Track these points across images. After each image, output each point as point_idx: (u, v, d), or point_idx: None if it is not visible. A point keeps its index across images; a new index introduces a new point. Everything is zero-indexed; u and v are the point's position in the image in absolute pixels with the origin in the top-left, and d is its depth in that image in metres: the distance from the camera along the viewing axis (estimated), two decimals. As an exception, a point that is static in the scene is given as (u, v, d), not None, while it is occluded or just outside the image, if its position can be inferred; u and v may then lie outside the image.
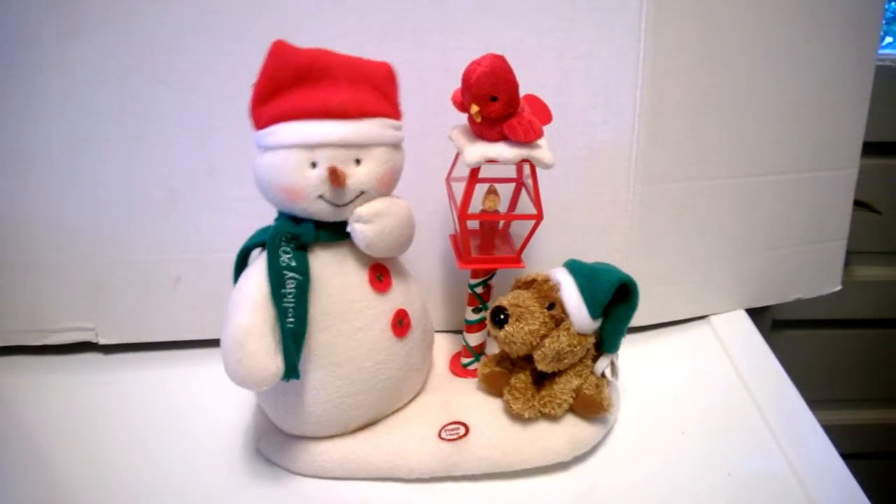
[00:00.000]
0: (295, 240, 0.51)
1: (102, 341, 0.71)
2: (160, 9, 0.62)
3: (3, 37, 0.62)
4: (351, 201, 0.51)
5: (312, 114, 0.49)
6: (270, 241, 0.50)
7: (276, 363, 0.49)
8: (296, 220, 0.52)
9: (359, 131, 0.50)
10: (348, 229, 0.52)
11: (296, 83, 0.49)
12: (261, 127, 0.50)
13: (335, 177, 0.49)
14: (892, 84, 0.89)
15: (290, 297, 0.50)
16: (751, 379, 0.68)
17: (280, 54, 0.49)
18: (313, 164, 0.49)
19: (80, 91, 0.63)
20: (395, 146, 0.54)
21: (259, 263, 0.51)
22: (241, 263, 0.54)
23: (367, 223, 0.52)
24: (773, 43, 0.69)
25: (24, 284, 0.69)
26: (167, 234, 0.68)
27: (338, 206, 0.51)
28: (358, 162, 0.51)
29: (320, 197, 0.50)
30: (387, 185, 0.53)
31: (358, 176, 0.51)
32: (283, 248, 0.50)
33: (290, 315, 0.50)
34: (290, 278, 0.50)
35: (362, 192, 0.51)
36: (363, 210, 0.52)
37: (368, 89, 0.51)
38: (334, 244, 0.53)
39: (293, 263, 0.50)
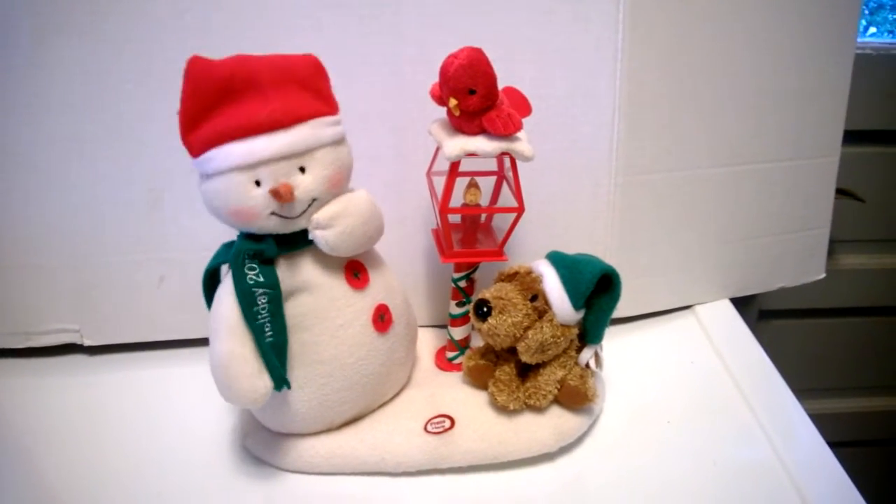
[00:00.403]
0: (258, 256, 0.50)
1: (87, 342, 0.71)
2: (139, 8, 0.61)
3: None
4: (304, 211, 0.50)
5: (244, 132, 0.47)
6: (234, 261, 0.49)
7: (262, 382, 0.49)
8: (256, 236, 0.51)
9: (295, 140, 0.48)
10: (310, 237, 0.51)
11: (220, 100, 0.47)
12: (196, 155, 0.48)
13: (279, 196, 0.47)
14: (872, 72, 0.89)
15: (263, 312, 0.49)
16: (736, 368, 0.69)
17: (197, 73, 0.46)
18: (257, 183, 0.48)
19: (60, 92, 0.63)
20: (338, 142, 0.51)
21: (227, 285, 0.50)
22: (210, 283, 0.53)
23: (327, 228, 0.51)
24: (752, 31, 0.69)
25: (7, 286, 0.68)
26: (150, 234, 0.68)
27: (293, 217, 0.50)
28: (303, 170, 0.49)
29: (272, 214, 0.49)
30: (337, 186, 0.52)
31: (305, 185, 0.49)
32: (249, 266, 0.49)
33: (267, 330, 0.50)
34: (262, 294, 0.49)
35: (314, 199, 0.50)
36: (319, 216, 0.50)
37: (296, 90, 0.49)
38: (301, 251, 0.53)
39: (261, 279, 0.49)
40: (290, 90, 0.49)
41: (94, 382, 0.68)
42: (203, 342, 0.69)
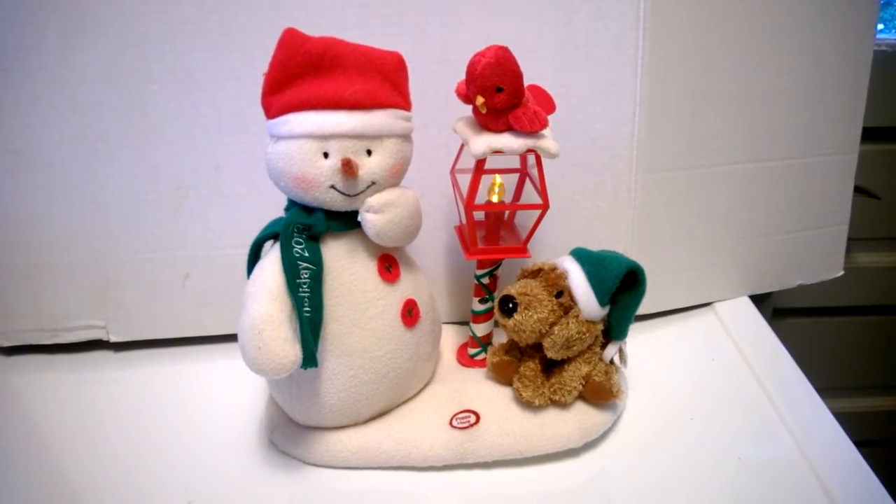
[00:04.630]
0: (307, 230, 0.51)
1: (113, 339, 0.71)
2: (164, 9, 0.62)
3: (10, 41, 0.62)
4: (362, 191, 0.52)
5: (324, 104, 0.49)
6: (283, 232, 0.51)
7: (294, 351, 0.50)
8: (307, 210, 0.52)
9: (370, 122, 0.50)
10: (359, 219, 0.53)
11: (307, 72, 0.49)
12: (272, 116, 0.51)
13: (348, 168, 0.49)
14: (890, 69, 0.89)
15: (305, 286, 0.50)
16: (757, 365, 0.69)
17: (291, 43, 0.49)
18: (325, 154, 0.50)
19: (87, 92, 0.64)
20: (406, 137, 0.54)
21: (273, 254, 0.51)
22: (255, 255, 0.54)
23: (378, 213, 0.52)
24: (771, 29, 0.70)
25: (34, 284, 0.69)
26: (175, 232, 0.69)
27: (349, 196, 0.51)
28: (369, 152, 0.51)
29: (332, 187, 0.50)
30: (396, 176, 0.54)
31: (369, 166, 0.51)
32: (296, 239, 0.51)
33: (306, 304, 0.50)
34: (305, 268, 0.50)
35: (373, 183, 0.52)
36: (374, 200, 0.52)
37: (379, 80, 0.51)
38: (344, 234, 0.54)
39: (306, 254, 0.51)
40: (374, 78, 0.51)
41: (120, 378, 0.69)
42: (228, 338, 0.71)
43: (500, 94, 0.52)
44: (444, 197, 0.69)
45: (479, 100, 0.53)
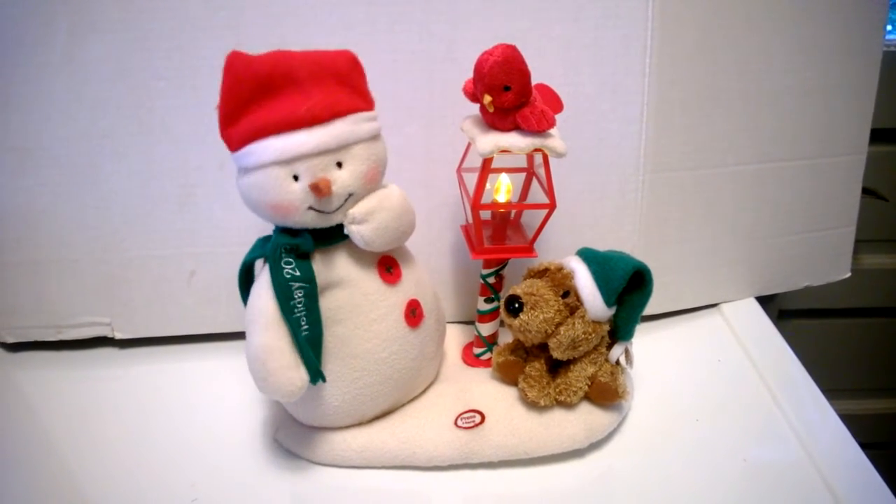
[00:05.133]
0: (294, 250, 0.50)
1: (118, 336, 0.71)
2: (171, 5, 0.62)
3: (17, 36, 0.62)
4: (341, 206, 0.51)
5: (283, 126, 0.47)
6: (271, 255, 0.50)
7: (299, 375, 0.50)
8: (292, 231, 0.51)
9: (333, 135, 0.48)
10: (345, 231, 0.52)
11: (259, 95, 0.47)
12: (235, 149, 0.49)
13: (318, 190, 0.48)
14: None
15: (299, 306, 0.50)
16: (763, 366, 0.69)
17: (236, 67, 0.47)
18: (295, 177, 0.48)
19: (93, 88, 0.64)
20: (374, 138, 0.52)
21: (264, 279, 0.51)
22: (246, 277, 0.54)
23: (362, 223, 0.51)
24: (780, 29, 0.69)
25: (39, 280, 0.69)
26: (181, 229, 0.69)
27: (329, 213, 0.50)
28: (339, 165, 0.50)
29: (310, 208, 0.49)
30: (373, 181, 0.52)
31: (342, 180, 0.49)
32: (285, 260, 0.50)
33: (303, 323, 0.50)
34: (298, 288, 0.50)
35: (350, 195, 0.51)
36: (355, 211, 0.51)
37: (334, 86, 0.49)
38: (336, 245, 0.53)
39: (297, 273, 0.50)
40: (328, 85, 0.49)
41: (125, 375, 0.69)
42: (233, 336, 0.71)
43: (507, 92, 0.52)
44: (449, 196, 0.69)
45: (487, 98, 0.52)
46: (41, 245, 0.68)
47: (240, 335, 0.50)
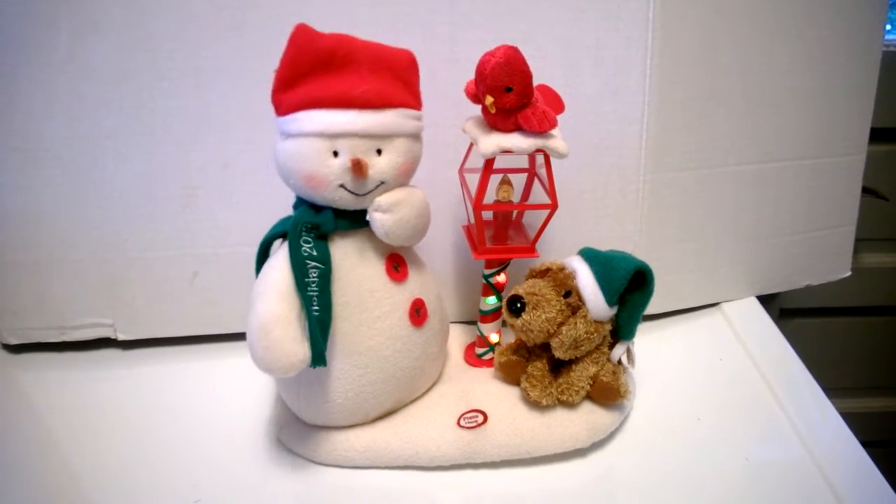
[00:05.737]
0: (315, 229, 0.51)
1: (121, 337, 0.71)
2: (174, 5, 0.62)
3: (20, 36, 0.62)
4: (371, 191, 0.52)
5: (335, 103, 0.49)
6: (291, 231, 0.51)
7: (303, 349, 0.50)
8: (315, 208, 0.52)
9: (381, 122, 0.50)
10: (367, 218, 0.53)
11: (318, 69, 0.49)
12: (283, 114, 0.50)
13: (358, 168, 0.49)
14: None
15: (314, 285, 0.50)
16: (765, 365, 0.69)
17: (302, 40, 0.49)
18: (335, 153, 0.50)
19: (96, 88, 0.64)
20: (416, 136, 0.54)
21: (281, 253, 0.51)
22: (263, 254, 0.54)
23: (387, 212, 0.52)
24: (780, 30, 0.69)
25: (42, 281, 0.69)
26: (184, 230, 0.69)
27: (358, 195, 0.51)
28: (379, 152, 0.51)
29: (341, 186, 0.50)
30: (406, 175, 0.54)
31: (379, 166, 0.51)
32: (304, 238, 0.51)
33: (315, 303, 0.50)
34: (313, 267, 0.50)
35: (382, 182, 0.52)
36: (383, 199, 0.52)
37: (390, 78, 0.51)
38: (352, 233, 0.54)
39: (314, 253, 0.50)
40: (385, 76, 0.51)
41: (128, 376, 0.69)
42: (236, 336, 0.71)
43: (509, 93, 0.52)
44: (451, 196, 0.69)
45: (489, 99, 0.53)
46: (44, 246, 0.68)
47: (242, 336, 0.50)
